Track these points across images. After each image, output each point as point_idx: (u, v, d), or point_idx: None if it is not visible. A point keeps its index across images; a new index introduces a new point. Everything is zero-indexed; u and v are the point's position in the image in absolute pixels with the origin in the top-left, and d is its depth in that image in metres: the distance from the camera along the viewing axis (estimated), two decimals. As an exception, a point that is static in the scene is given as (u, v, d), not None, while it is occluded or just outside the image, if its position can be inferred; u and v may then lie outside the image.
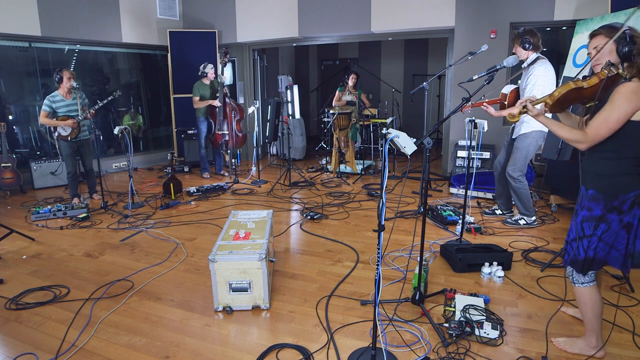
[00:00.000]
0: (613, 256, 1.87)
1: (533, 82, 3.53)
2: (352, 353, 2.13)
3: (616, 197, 1.82)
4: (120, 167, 7.13)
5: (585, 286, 1.99)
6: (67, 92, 4.64)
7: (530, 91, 3.55)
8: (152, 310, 2.60)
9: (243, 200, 5.07)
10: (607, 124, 1.77)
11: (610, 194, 1.83)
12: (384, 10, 6.12)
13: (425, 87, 4.32)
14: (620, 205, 1.81)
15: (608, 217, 1.84)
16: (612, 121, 1.76)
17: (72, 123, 4.60)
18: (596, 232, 1.87)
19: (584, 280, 1.98)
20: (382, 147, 5.71)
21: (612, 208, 1.83)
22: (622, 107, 1.74)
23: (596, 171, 1.89)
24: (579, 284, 2.00)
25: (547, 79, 3.54)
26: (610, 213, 1.83)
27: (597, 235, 1.87)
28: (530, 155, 3.78)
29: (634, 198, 1.80)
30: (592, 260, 1.90)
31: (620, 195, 1.81)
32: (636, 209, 1.80)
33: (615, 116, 1.75)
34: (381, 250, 1.88)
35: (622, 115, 1.75)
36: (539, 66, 3.53)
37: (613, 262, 1.89)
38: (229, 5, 7.23)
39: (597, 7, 4.84)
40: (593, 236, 1.88)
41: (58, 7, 5.90)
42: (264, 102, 7.55)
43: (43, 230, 4.13)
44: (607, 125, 1.77)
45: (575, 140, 1.87)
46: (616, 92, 1.77)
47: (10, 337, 2.32)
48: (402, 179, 6.04)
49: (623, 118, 1.75)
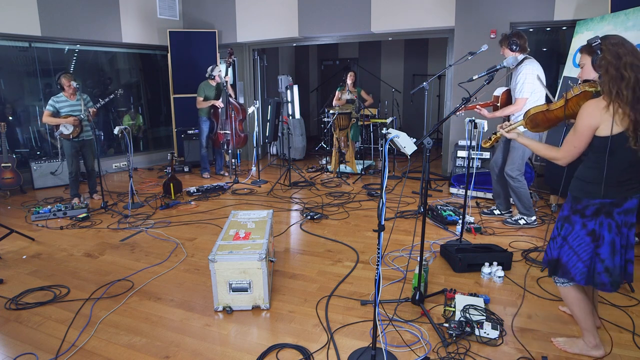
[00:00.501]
0: (578, 268, 1.89)
1: (522, 81, 3.60)
2: (352, 353, 2.13)
3: (580, 201, 1.89)
4: (120, 167, 7.13)
5: (565, 285, 2.02)
6: (71, 94, 4.67)
7: (520, 90, 3.63)
8: (152, 310, 2.60)
9: (243, 200, 5.07)
10: (571, 142, 1.88)
11: (576, 197, 1.92)
12: (384, 10, 6.12)
13: (425, 87, 4.32)
14: (583, 210, 1.88)
15: (572, 219, 1.92)
16: (575, 139, 1.86)
17: (73, 120, 4.61)
18: (561, 232, 1.95)
19: (563, 280, 2.01)
20: (382, 147, 5.71)
21: (576, 210, 1.91)
22: (579, 125, 1.83)
23: (575, 175, 1.97)
24: (560, 283, 2.04)
25: (535, 76, 3.60)
26: (574, 215, 1.91)
27: (562, 236, 1.95)
28: (527, 154, 3.80)
29: (599, 205, 1.85)
30: (557, 261, 1.96)
31: (583, 200, 1.88)
32: (603, 217, 1.85)
33: (577, 135, 1.85)
34: (381, 250, 1.88)
35: (580, 134, 1.83)
36: (527, 65, 3.61)
37: (578, 276, 1.90)
38: (229, 5, 7.23)
39: (597, 7, 4.84)
40: (558, 237, 1.96)
41: (58, 7, 5.90)
42: (264, 102, 7.54)
43: (43, 230, 4.13)
44: (572, 144, 1.88)
45: (553, 157, 1.99)
46: (579, 111, 1.86)
47: (10, 337, 2.32)
48: (402, 179, 6.04)
49: (582, 136, 1.83)
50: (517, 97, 3.66)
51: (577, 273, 1.90)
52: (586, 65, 1.93)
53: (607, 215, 1.84)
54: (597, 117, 1.78)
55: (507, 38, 3.69)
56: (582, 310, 2.02)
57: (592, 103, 1.81)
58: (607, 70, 1.76)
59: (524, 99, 3.62)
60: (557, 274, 1.98)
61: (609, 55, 1.76)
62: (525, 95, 3.61)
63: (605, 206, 1.84)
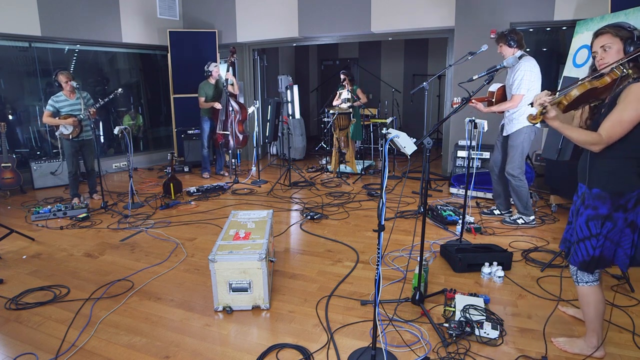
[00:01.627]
0: (619, 255, 1.88)
1: (520, 77, 3.60)
2: (352, 353, 2.13)
3: (622, 195, 1.82)
4: (120, 167, 7.13)
5: (589, 285, 1.99)
6: (70, 92, 4.66)
7: (517, 86, 3.62)
8: (152, 310, 2.60)
9: (243, 200, 5.07)
10: (621, 124, 1.76)
11: (616, 192, 1.83)
12: (384, 10, 6.12)
13: (425, 87, 4.32)
14: (626, 204, 1.83)
15: (614, 216, 1.85)
16: (626, 122, 1.75)
17: (73, 121, 4.60)
18: (602, 231, 1.87)
19: (588, 280, 1.98)
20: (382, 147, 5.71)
21: (619, 207, 1.83)
22: (637, 107, 1.72)
23: (603, 170, 1.87)
24: (583, 283, 2.00)
25: (533, 73, 3.61)
26: (617, 212, 1.84)
27: (603, 234, 1.87)
28: (525, 151, 3.80)
29: (637, 196, 1.81)
30: (599, 258, 1.90)
31: (626, 194, 1.82)
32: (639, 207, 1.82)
33: (629, 117, 1.73)
34: (381, 250, 1.88)
35: (635, 116, 1.73)
36: (525, 62, 3.60)
37: (619, 261, 1.90)
38: (229, 5, 7.23)
39: (597, 7, 4.84)
40: (600, 235, 1.88)
41: (58, 7, 5.90)
42: (264, 102, 7.55)
43: (43, 230, 4.13)
44: (621, 126, 1.76)
45: (590, 142, 1.83)
46: (629, 92, 1.74)
47: (10, 337, 2.32)
48: (402, 179, 6.04)
49: (637, 118, 1.74)
50: (513, 93, 3.66)
51: (619, 262, 1.89)
52: (613, 49, 1.82)
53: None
54: None
55: (504, 36, 3.70)
56: (597, 311, 2.00)
57: None
58: None
59: (520, 95, 3.63)
60: (598, 267, 1.92)
61: None
62: (522, 92, 3.61)
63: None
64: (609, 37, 1.83)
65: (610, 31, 1.83)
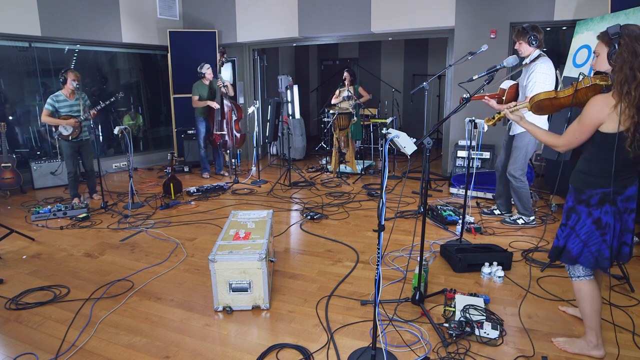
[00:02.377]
0: (585, 255, 1.94)
1: (534, 80, 3.50)
2: (352, 353, 2.13)
3: (583, 191, 1.93)
4: (120, 167, 7.13)
5: (582, 280, 2.01)
6: (70, 93, 4.65)
7: (531, 89, 3.53)
8: (152, 310, 2.60)
9: (243, 200, 5.07)
10: (573, 132, 1.90)
11: (578, 189, 1.95)
12: (384, 10, 6.12)
13: (425, 87, 4.32)
14: (588, 199, 1.92)
15: (577, 208, 1.96)
16: (577, 131, 1.88)
17: (74, 122, 4.61)
18: (568, 222, 1.99)
19: (580, 274, 2.02)
20: (382, 147, 5.71)
21: (581, 201, 1.94)
22: (585, 118, 1.85)
23: (576, 169, 2.00)
24: (576, 277, 2.04)
25: (548, 76, 3.51)
26: (579, 205, 1.95)
27: (569, 225, 1.98)
28: (529, 153, 3.77)
29: (602, 195, 1.88)
30: (562, 249, 2.00)
31: (587, 190, 1.92)
32: (607, 206, 1.88)
33: (579, 126, 1.87)
34: (381, 250, 1.88)
35: (584, 126, 1.85)
36: (542, 64, 3.50)
37: (584, 261, 1.96)
38: (229, 5, 7.23)
39: (597, 7, 4.84)
40: (566, 226, 2.00)
41: (58, 7, 5.90)
42: (264, 102, 7.54)
43: (43, 230, 4.13)
44: (573, 134, 1.90)
45: (551, 144, 2.03)
46: (587, 103, 1.87)
47: (10, 337, 2.32)
48: (402, 179, 6.04)
49: (586, 129, 1.85)
50: (527, 95, 3.54)
51: (584, 261, 1.95)
52: (601, 56, 1.86)
53: (612, 204, 1.87)
54: (605, 113, 1.78)
55: (527, 32, 3.51)
56: (592, 307, 2.02)
57: (602, 98, 1.80)
58: (622, 68, 1.72)
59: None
60: (561, 259, 2.02)
61: (626, 52, 1.71)
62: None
63: (608, 195, 1.86)
64: (599, 44, 1.90)
65: (599, 37, 1.90)
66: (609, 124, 1.79)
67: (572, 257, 1.97)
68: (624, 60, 1.72)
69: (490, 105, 3.63)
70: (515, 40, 3.66)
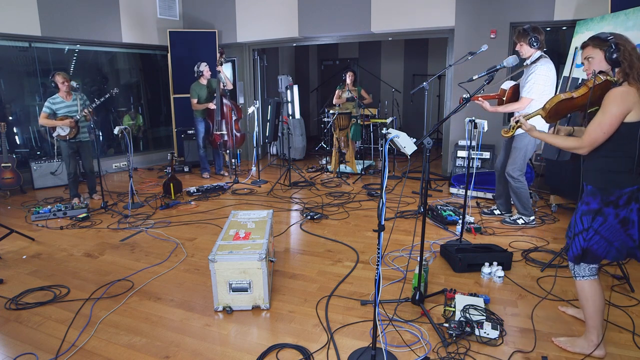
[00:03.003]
0: (611, 252, 1.94)
1: (533, 81, 3.50)
2: (352, 353, 2.13)
3: (612, 192, 1.90)
4: (120, 167, 7.13)
5: (587, 279, 2.01)
6: (67, 94, 4.65)
7: (528, 90, 3.54)
8: (152, 310, 2.60)
9: (243, 200, 5.07)
10: (600, 128, 1.87)
11: (606, 190, 1.91)
12: (384, 10, 6.12)
13: (425, 87, 4.32)
14: (617, 200, 1.89)
15: (604, 211, 1.92)
16: (605, 125, 1.86)
17: (70, 122, 4.60)
18: (593, 225, 1.95)
19: (585, 274, 2.01)
20: (382, 147, 5.71)
21: (609, 202, 1.91)
22: (612, 111, 1.84)
23: (595, 168, 1.97)
24: (580, 277, 2.03)
25: (548, 78, 3.51)
26: (607, 207, 1.92)
27: (593, 228, 1.94)
28: (529, 155, 3.78)
29: (630, 194, 1.87)
30: (586, 251, 1.97)
31: (615, 191, 1.89)
32: (633, 203, 1.88)
33: (607, 120, 1.85)
34: (381, 250, 1.88)
35: (613, 119, 1.84)
36: (542, 65, 3.49)
37: (611, 258, 1.96)
38: (229, 5, 7.23)
39: (597, 7, 4.84)
40: (590, 229, 1.95)
41: (58, 7, 5.90)
42: (264, 102, 7.54)
43: (43, 230, 4.13)
44: (601, 130, 1.88)
45: (573, 147, 1.99)
46: (606, 97, 1.87)
47: (10, 337, 2.32)
48: (402, 179, 6.04)
49: (615, 121, 1.84)
50: (523, 95, 3.57)
51: (610, 256, 1.95)
52: (596, 58, 1.95)
53: (636, 201, 1.87)
54: (631, 100, 1.81)
55: (528, 34, 3.50)
56: (595, 306, 2.02)
57: (623, 89, 1.83)
58: (632, 61, 1.83)
59: (529, 99, 3.53)
60: (586, 261, 1.99)
61: (629, 47, 1.85)
62: (533, 96, 3.51)
63: (635, 192, 1.87)
64: (590, 49, 1.98)
65: (590, 43, 1.98)
66: (634, 113, 1.82)
67: (599, 256, 1.96)
68: (630, 54, 1.83)
69: (483, 107, 3.62)
70: (516, 41, 3.64)
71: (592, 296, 2.01)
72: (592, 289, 2.01)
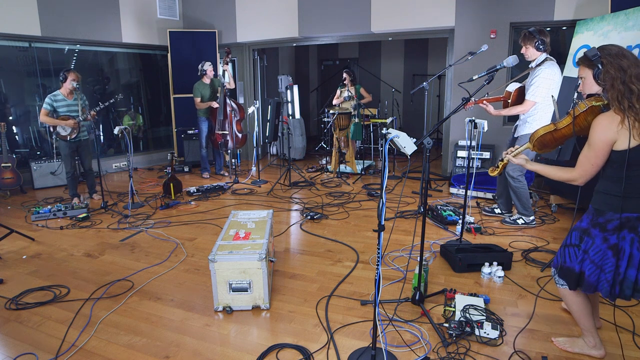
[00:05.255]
0: (602, 283, 1.84)
1: (537, 84, 3.50)
2: (352, 353, 2.13)
3: (603, 214, 1.83)
4: (120, 167, 7.13)
5: (564, 287, 2.00)
6: (69, 93, 4.65)
7: (533, 92, 3.54)
8: (152, 310, 2.60)
9: (243, 200, 5.07)
10: (587, 160, 1.81)
11: (598, 210, 1.86)
12: (384, 10, 6.12)
13: (425, 87, 4.32)
14: (605, 224, 1.82)
15: (592, 232, 1.87)
16: (590, 157, 1.79)
17: (73, 123, 4.60)
18: (581, 245, 1.89)
19: (562, 283, 2.00)
20: (382, 147, 5.71)
21: (596, 224, 1.85)
22: (595, 141, 1.76)
23: (597, 188, 1.91)
24: (560, 285, 2.03)
25: (552, 82, 3.51)
26: (594, 228, 1.86)
27: (582, 249, 1.88)
28: (530, 156, 3.77)
29: (624, 220, 1.77)
30: (579, 276, 1.90)
31: (607, 213, 1.81)
32: (626, 232, 1.77)
33: (592, 153, 1.78)
34: (381, 250, 1.88)
35: (597, 150, 1.77)
36: (546, 68, 3.48)
37: (602, 289, 1.85)
38: (229, 5, 7.23)
39: (597, 7, 4.84)
40: (579, 249, 1.89)
41: (58, 7, 5.90)
42: (264, 102, 7.55)
43: (43, 230, 4.13)
44: (588, 162, 1.81)
45: (567, 179, 1.91)
46: (591, 127, 1.79)
47: (10, 337, 2.32)
48: (402, 179, 6.04)
49: (600, 152, 1.76)
50: (527, 98, 3.57)
51: (602, 289, 1.84)
52: (587, 79, 1.86)
53: (630, 230, 1.77)
54: (612, 130, 1.71)
55: (533, 37, 3.49)
56: (581, 311, 2.02)
57: (606, 117, 1.74)
58: (613, 85, 1.70)
59: (533, 102, 3.53)
60: (582, 287, 1.90)
61: (613, 69, 1.71)
62: (537, 99, 3.51)
63: (631, 220, 1.76)
64: (581, 68, 1.88)
65: (581, 61, 1.87)
66: (621, 141, 1.71)
67: (591, 284, 1.85)
68: (612, 78, 1.71)
69: (487, 110, 3.61)
70: (521, 44, 3.62)
71: (575, 302, 2.00)
72: (572, 296, 1.99)
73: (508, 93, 3.77)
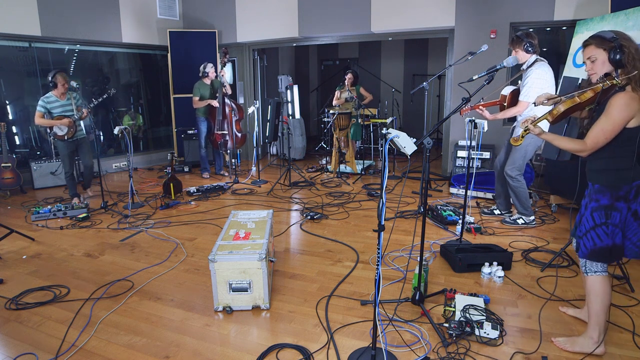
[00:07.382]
0: (627, 247, 1.95)
1: (529, 85, 3.56)
2: (352, 353, 2.13)
3: (620, 188, 1.91)
4: (120, 167, 7.13)
5: (598, 275, 2.01)
6: (61, 93, 4.62)
7: (526, 93, 3.58)
8: (152, 310, 2.60)
9: (243, 200, 5.07)
10: (603, 133, 1.89)
11: (615, 186, 1.93)
12: (384, 10, 6.12)
13: (425, 87, 4.32)
14: (626, 195, 1.91)
15: (617, 205, 1.93)
16: (607, 131, 1.87)
17: (68, 122, 4.58)
18: (609, 221, 1.94)
19: (597, 269, 2.01)
20: (382, 147, 5.71)
21: (619, 197, 1.92)
22: (616, 117, 1.84)
23: (600, 168, 1.98)
24: (592, 272, 2.02)
25: (545, 81, 3.56)
26: (618, 202, 1.92)
27: (613, 224, 1.94)
28: (529, 155, 3.79)
29: (638, 187, 1.89)
30: (612, 248, 1.95)
31: (624, 187, 1.91)
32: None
33: (610, 127, 1.87)
34: (381, 250, 1.88)
35: (616, 125, 1.85)
36: (537, 68, 3.56)
37: (628, 252, 1.96)
38: (229, 5, 7.23)
39: (597, 7, 4.84)
40: (609, 225, 1.94)
41: (58, 7, 5.90)
42: (264, 102, 7.55)
43: (43, 230, 4.13)
44: (603, 135, 1.89)
45: (576, 149, 1.98)
46: (610, 103, 1.86)
47: (10, 337, 2.32)
48: (402, 179, 6.04)
49: (618, 128, 1.86)
50: (521, 99, 3.61)
51: (629, 253, 1.96)
52: (599, 60, 1.91)
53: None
54: (634, 109, 1.81)
55: (522, 40, 3.58)
56: (603, 303, 2.02)
57: (627, 96, 1.82)
58: (635, 65, 1.81)
59: (527, 102, 3.57)
60: (613, 258, 2.00)
61: (634, 50, 1.82)
62: (531, 100, 3.54)
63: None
64: (593, 48, 1.94)
65: (593, 42, 1.94)
66: (636, 119, 1.83)
67: (622, 252, 1.96)
68: (634, 59, 1.81)
69: (484, 115, 3.64)
70: (511, 48, 3.71)
71: (602, 293, 2.01)
72: (602, 285, 2.01)
73: (503, 96, 3.83)
